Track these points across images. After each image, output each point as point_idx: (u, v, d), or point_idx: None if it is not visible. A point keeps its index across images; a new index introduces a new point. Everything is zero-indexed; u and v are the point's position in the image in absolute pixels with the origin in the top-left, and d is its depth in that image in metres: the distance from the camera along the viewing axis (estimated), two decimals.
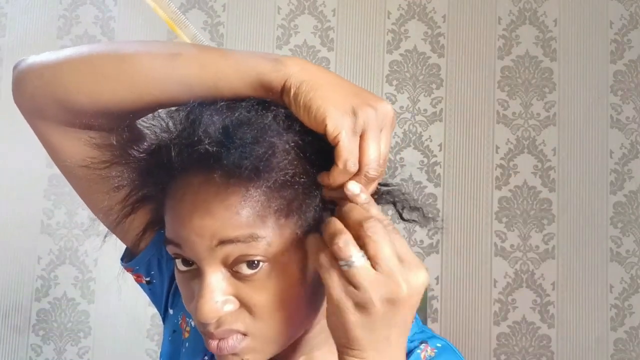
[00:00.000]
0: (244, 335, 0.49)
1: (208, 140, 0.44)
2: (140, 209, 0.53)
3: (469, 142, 1.70)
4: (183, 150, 0.45)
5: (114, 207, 0.53)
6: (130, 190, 0.51)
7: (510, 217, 1.68)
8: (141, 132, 0.51)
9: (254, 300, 0.48)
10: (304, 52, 1.71)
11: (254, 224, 0.46)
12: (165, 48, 0.51)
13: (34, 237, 1.64)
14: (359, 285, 0.42)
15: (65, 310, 1.63)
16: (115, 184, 0.50)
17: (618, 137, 1.70)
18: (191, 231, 0.47)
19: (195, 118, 0.46)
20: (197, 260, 0.48)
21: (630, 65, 1.72)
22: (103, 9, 1.71)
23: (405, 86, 1.71)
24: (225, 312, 0.48)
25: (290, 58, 0.48)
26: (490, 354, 1.65)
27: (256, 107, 0.47)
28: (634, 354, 1.65)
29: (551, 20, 1.73)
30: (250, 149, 0.44)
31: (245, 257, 0.47)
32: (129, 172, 0.50)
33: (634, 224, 1.68)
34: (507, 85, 1.71)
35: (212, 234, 0.46)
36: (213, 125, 0.45)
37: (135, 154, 0.49)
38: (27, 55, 0.55)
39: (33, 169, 1.63)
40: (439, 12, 1.73)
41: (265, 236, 0.46)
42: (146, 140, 0.50)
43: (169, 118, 0.48)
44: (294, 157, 0.47)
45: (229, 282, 0.48)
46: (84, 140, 0.53)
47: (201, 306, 0.47)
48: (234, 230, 0.46)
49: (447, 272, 1.66)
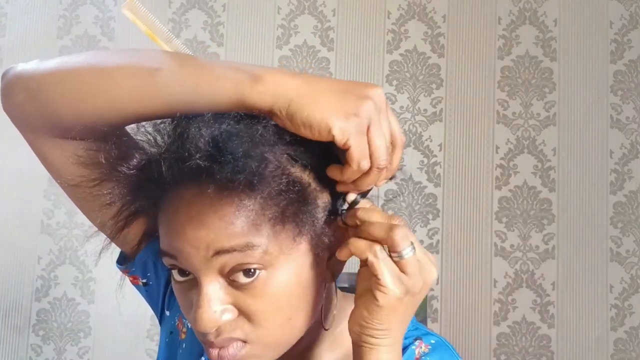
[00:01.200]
0: (244, 343, 0.49)
1: (199, 155, 0.44)
2: (134, 222, 0.53)
3: (469, 142, 1.70)
4: (173, 164, 0.45)
5: (107, 223, 0.53)
6: (122, 206, 0.51)
7: (510, 217, 1.68)
8: (130, 147, 0.51)
9: (252, 308, 0.48)
10: (304, 52, 1.71)
11: (249, 233, 0.46)
12: (148, 60, 0.49)
13: (34, 237, 1.64)
14: (411, 273, 0.47)
15: (65, 310, 1.63)
16: (107, 201, 0.50)
17: (618, 137, 1.70)
18: (186, 243, 0.47)
19: (182, 131, 0.45)
20: (193, 271, 0.48)
21: (630, 65, 1.72)
22: (103, 9, 1.71)
23: (405, 86, 1.71)
24: (224, 321, 0.48)
25: (269, 72, 0.47)
26: (490, 354, 1.65)
27: (244, 118, 0.47)
28: (634, 354, 1.65)
29: (551, 20, 1.73)
30: (243, 163, 0.43)
31: (241, 266, 0.47)
32: (120, 188, 0.50)
33: (634, 224, 1.68)
34: (507, 85, 1.71)
35: (208, 245, 0.46)
36: (202, 139, 0.44)
37: (125, 170, 0.48)
38: (27, 55, 0.55)
39: (33, 169, 1.62)
40: (439, 12, 1.73)
41: (261, 244, 0.46)
42: (135, 155, 0.49)
43: (155, 132, 0.48)
44: (286, 166, 0.47)
45: (227, 291, 0.48)
46: (72, 159, 0.52)
47: (200, 316, 0.47)
48: (229, 241, 0.46)
49: (447, 272, 1.66)
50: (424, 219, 1.68)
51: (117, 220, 0.52)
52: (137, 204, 0.51)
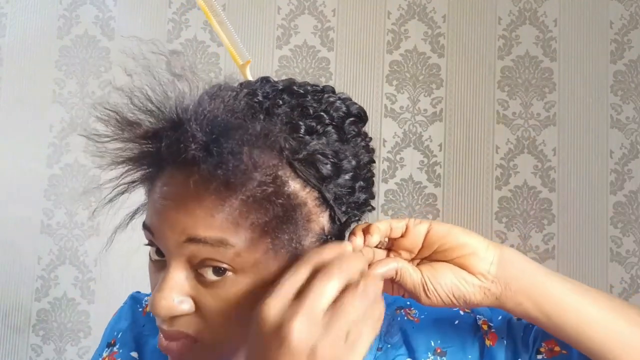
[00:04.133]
0: (194, 342, 0.48)
1: (195, 141, 0.43)
2: (134, 190, 0.53)
3: (469, 142, 1.70)
4: (173, 144, 0.45)
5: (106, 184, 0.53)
6: (125, 171, 0.51)
7: (510, 217, 1.68)
8: (145, 113, 0.50)
9: (212, 308, 0.47)
10: (304, 52, 1.71)
11: (226, 230, 0.45)
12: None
13: (34, 237, 1.64)
14: None
15: (65, 310, 1.63)
16: (110, 161, 0.50)
17: (618, 137, 1.70)
18: (164, 222, 0.47)
19: (189, 113, 0.45)
20: (165, 253, 0.48)
21: (630, 65, 1.72)
22: (103, 9, 1.71)
23: (405, 86, 1.71)
24: (179, 311, 0.47)
25: None
26: None
27: (258, 107, 0.46)
28: None
29: (551, 20, 1.73)
30: (226, 160, 0.43)
31: (211, 261, 0.46)
32: (126, 152, 0.49)
33: (634, 224, 1.68)
34: (507, 85, 1.71)
35: (183, 229, 0.46)
36: (204, 125, 0.44)
37: (128, 135, 0.48)
38: (27, 55, 0.55)
39: (33, 169, 1.63)
40: (439, 12, 1.73)
41: (235, 245, 0.45)
42: (145, 123, 0.48)
43: (164, 106, 0.47)
44: (282, 175, 0.46)
45: (191, 284, 0.47)
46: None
47: (157, 300, 0.46)
48: (204, 231, 0.45)
49: None
50: (424, 219, 1.67)
51: (117, 184, 0.52)
52: (138, 173, 0.51)
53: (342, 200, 0.51)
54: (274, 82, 0.53)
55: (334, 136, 0.50)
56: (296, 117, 0.49)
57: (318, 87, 0.54)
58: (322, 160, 0.48)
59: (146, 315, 0.68)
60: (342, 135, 0.51)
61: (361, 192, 0.52)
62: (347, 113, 0.52)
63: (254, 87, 0.51)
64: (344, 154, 0.50)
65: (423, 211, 1.67)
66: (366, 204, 0.54)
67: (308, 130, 0.49)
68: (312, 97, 0.52)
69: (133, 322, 0.68)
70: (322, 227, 0.49)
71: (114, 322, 0.69)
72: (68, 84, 1.66)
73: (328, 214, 0.50)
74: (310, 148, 0.48)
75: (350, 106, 0.53)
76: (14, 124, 1.63)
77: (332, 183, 0.49)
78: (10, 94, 1.64)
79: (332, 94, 0.54)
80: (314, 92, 0.53)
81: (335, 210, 0.50)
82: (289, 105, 0.50)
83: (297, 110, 0.49)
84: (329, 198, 0.49)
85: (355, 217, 0.53)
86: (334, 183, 0.49)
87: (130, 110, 0.48)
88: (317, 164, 0.48)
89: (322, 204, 0.49)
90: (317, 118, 0.50)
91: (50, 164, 1.64)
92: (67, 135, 1.65)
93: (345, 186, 0.50)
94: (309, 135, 0.49)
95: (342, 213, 0.51)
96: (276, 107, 0.49)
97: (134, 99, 0.47)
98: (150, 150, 0.47)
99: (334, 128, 0.51)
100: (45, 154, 1.65)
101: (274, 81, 0.54)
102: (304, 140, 0.48)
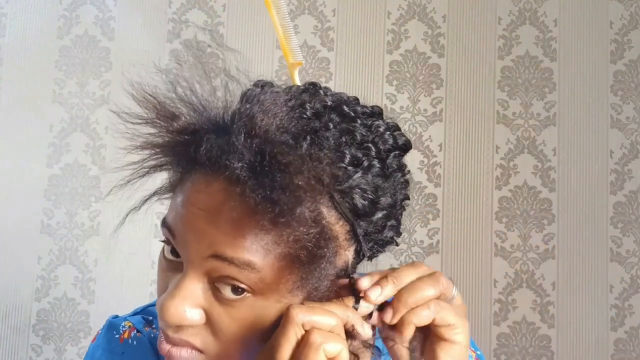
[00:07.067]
0: (199, 353, 0.46)
1: (239, 158, 0.41)
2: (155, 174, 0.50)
3: (469, 142, 1.70)
4: (214, 149, 0.42)
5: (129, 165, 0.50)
6: (150, 155, 0.47)
7: (510, 217, 1.68)
8: (184, 103, 0.47)
9: (224, 325, 0.45)
10: (304, 52, 1.71)
11: (256, 254, 0.43)
12: None
13: (34, 237, 1.64)
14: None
15: (65, 310, 1.63)
16: (138, 144, 0.47)
17: (618, 137, 1.70)
18: (191, 231, 0.44)
19: (237, 120, 0.42)
20: (184, 260, 0.46)
21: (630, 65, 1.72)
22: (103, 9, 1.71)
23: (405, 86, 1.71)
24: (188, 322, 0.45)
25: None
26: (490, 354, 1.65)
27: (308, 129, 0.44)
28: (634, 354, 1.65)
29: (551, 20, 1.73)
30: (273, 189, 0.40)
31: (232, 280, 0.44)
32: (157, 138, 0.46)
33: (634, 224, 1.68)
34: (507, 85, 1.71)
35: (210, 244, 0.43)
36: (252, 143, 0.41)
37: (164, 126, 0.45)
38: (27, 55, 0.54)
39: (33, 169, 1.64)
40: (439, 12, 1.73)
41: (262, 271, 0.43)
42: (184, 115, 0.45)
43: (207, 106, 0.44)
44: (321, 209, 0.44)
45: (206, 296, 0.45)
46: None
47: (167, 306, 0.44)
48: (232, 250, 0.43)
49: (447, 272, 1.66)
50: (424, 219, 1.68)
51: (140, 166, 0.48)
52: (165, 160, 0.48)
53: (370, 237, 0.49)
54: (323, 95, 0.50)
55: (376, 169, 0.48)
56: (343, 144, 0.46)
57: (367, 110, 0.52)
58: (361, 195, 0.46)
59: (124, 342, 0.64)
60: (384, 169, 0.49)
61: (390, 230, 0.51)
62: (394, 146, 0.51)
63: (303, 99, 0.48)
64: (382, 190, 0.48)
65: (423, 211, 1.67)
66: (391, 242, 0.53)
67: (353, 162, 0.46)
68: (362, 122, 0.49)
69: (109, 351, 0.64)
70: (346, 262, 0.48)
71: (92, 350, 0.65)
72: (68, 84, 1.66)
73: (354, 249, 0.48)
74: (354, 182, 0.46)
75: (397, 138, 0.52)
76: (14, 124, 1.63)
77: (365, 220, 0.47)
78: (10, 94, 1.65)
79: (382, 122, 0.51)
80: (364, 116, 0.50)
81: (363, 247, 0.48)
82: (339, 129, 0.47)
83: (346, 137, 0.47)
84: (360, 234, 0.47)
85: (378, 253, 0.52)
86: (367, 220, 0.47)
87: (171, 99, 0.45)
88: (355, 198, 0.46)
89: (351, 239, 0.47)
90: (365, 149, 0.47)
91: (50, 164, 1.64)
92: (67, 135, 1.65)
93: (378, 224, 0.49)
94: (352, 167, 0.46)
95: (367, 249, 0.49)
96: (325, 129, 0.46)
97: (177, 88, 0.44)
98: (185, 146, 0.45)
99: (379, 162, 0.48)
100: (45, 154, 1.65)
101: (323, 92, 0.51)
102: (347, 171, 0.46)
